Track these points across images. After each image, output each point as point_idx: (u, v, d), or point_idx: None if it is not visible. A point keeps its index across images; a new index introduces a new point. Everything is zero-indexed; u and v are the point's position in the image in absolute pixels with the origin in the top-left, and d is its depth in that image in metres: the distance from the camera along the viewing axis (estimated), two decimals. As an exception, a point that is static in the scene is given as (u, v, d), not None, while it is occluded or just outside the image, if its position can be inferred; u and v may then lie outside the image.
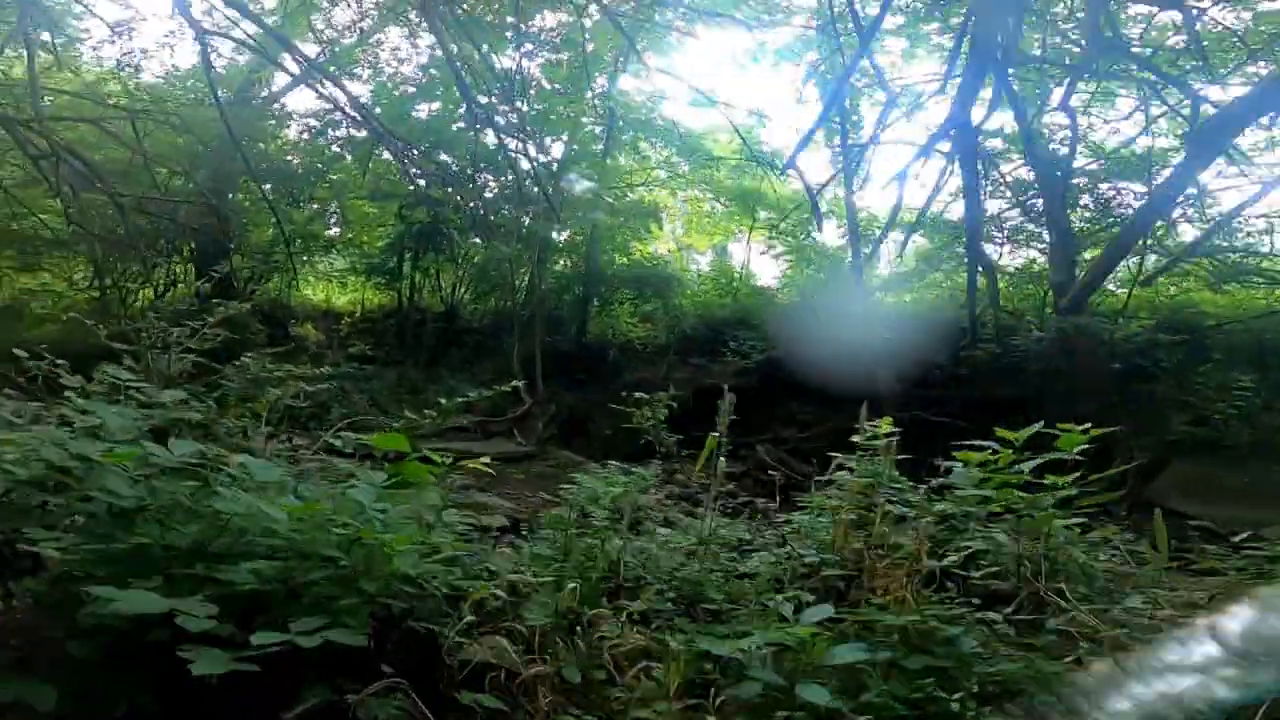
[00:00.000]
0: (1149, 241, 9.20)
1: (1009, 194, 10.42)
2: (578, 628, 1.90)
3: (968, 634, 2.13)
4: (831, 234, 13.97)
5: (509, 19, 7.40)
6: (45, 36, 8.27)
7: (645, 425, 3.19)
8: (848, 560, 2.42)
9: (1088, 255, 9.71)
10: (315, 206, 14.53)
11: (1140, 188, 9.65)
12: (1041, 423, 2.81)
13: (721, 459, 2.68)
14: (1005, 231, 10.50)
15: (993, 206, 10.46)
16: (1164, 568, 3.32)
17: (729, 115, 7.02)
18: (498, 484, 8.49)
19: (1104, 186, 9.63)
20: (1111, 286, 10.96)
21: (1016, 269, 11.00)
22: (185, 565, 1.83)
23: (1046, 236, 10.27)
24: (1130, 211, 9.79)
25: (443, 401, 3.68)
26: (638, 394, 3.52)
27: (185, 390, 3.45)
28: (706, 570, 2.43)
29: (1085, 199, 9.88)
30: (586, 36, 9.96)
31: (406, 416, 4.02)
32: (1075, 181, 9.64)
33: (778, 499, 4.36)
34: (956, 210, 11.40)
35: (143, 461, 2.05)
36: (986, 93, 5.37)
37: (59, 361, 3.34)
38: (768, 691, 1.62)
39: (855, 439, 2.76)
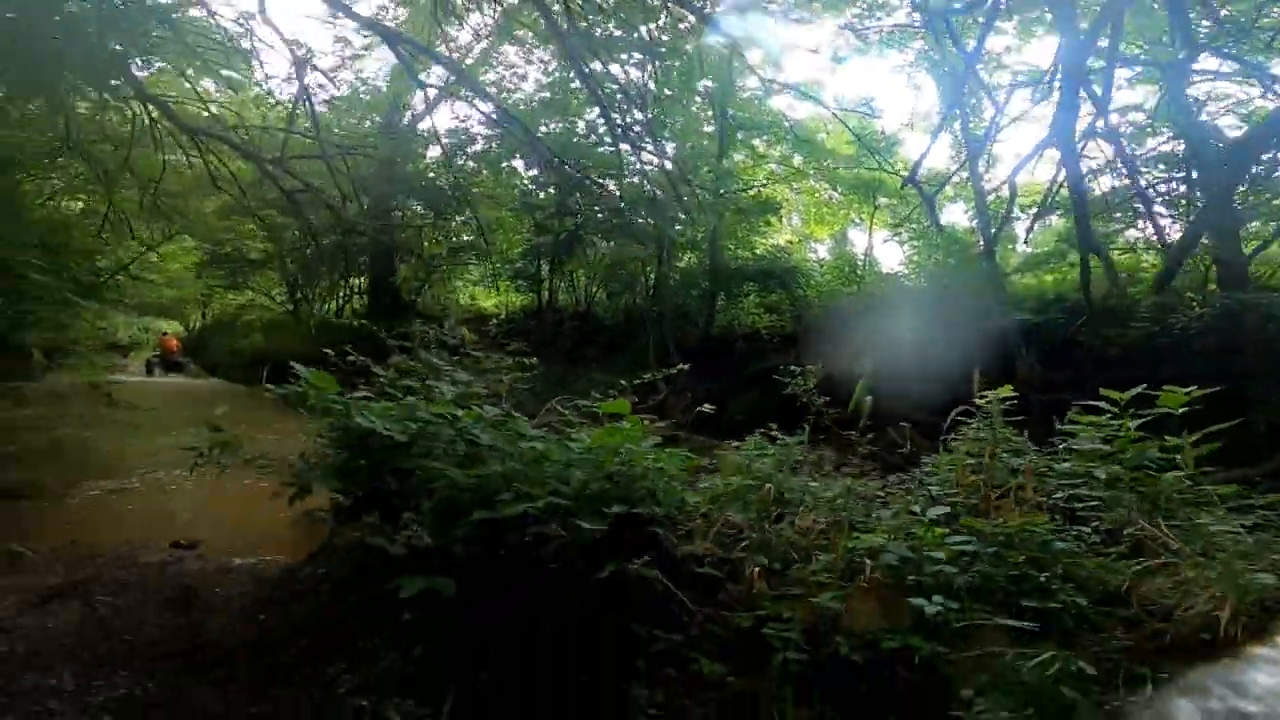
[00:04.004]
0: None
1: (1161, 168, 10.00)
2: (765, 524, 2.70)
3: (1054, 541, 2.63)
4: (960, 216, 13.72)
5: (615, 31, 8.30)
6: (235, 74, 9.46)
7: (800, 390, 3.87)
8: (967, 493, 3.02)
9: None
10: (463, 220, 16.08)
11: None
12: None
13: (868, 397, 3.38)
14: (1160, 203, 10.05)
15: (1145, 180, 9.98)
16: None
17: (843, 118, 7.45)
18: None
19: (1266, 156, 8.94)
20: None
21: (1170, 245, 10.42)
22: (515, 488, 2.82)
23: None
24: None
25: (594, 394, 4.56)
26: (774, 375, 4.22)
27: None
28: (852, 503, 3.13)
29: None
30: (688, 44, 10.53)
31: (572, 405, 4.88)
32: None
33: (908, 467, 4.88)
34: (1098, 186, 10.96)
35: (477, 418, 3.09)
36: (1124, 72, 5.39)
37: (360, 359, 4.58)
38: (903, 560, 2.34)
39: (977, 402, 3.33)
